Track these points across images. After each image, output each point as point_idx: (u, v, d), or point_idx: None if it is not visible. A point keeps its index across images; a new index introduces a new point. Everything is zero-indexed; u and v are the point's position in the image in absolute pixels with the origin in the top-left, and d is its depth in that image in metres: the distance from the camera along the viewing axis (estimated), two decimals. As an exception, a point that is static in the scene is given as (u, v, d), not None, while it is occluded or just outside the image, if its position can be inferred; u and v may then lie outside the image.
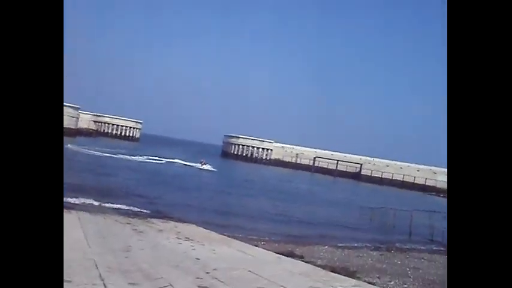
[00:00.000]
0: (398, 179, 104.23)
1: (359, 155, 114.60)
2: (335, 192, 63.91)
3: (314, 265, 12.07)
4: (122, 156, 63.84)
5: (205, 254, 9.39)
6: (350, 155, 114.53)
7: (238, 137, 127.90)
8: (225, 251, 10.13)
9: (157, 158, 69.42)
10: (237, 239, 13.51)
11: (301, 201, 44.12)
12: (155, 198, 28.74)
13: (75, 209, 13.73)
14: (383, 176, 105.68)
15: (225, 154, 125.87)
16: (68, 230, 9.52)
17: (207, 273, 8.20)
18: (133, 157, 65.59)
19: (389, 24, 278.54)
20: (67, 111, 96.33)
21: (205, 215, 25.34)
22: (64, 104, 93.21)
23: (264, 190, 49.76)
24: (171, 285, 6.99)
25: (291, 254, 15.29)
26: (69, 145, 61.90)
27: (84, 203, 19.56)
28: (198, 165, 68.13)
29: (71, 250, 8.18)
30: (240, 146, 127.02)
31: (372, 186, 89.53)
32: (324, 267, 12.00)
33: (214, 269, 8.54)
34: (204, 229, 14.13)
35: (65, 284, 5.52)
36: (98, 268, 7.52)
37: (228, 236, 13.22)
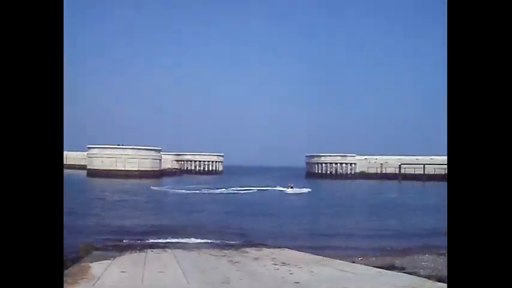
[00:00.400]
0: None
1: (445, 155, 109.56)
2: (426, 198, 61.73)
3: (418, 276, 11.57)
4: (207, 191, 64.73)
5: (304, 276, 9.23)
6: (436, 157, 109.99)
7: (320, 156, 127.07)
8: (324, 271, 9.92)
9: (244, 188, 69.27)
10: (333, 258, 13.23)
11: (394, 211, 42.86)
12: (246, 229, 28.75)
13: (170, 248, 14.01)
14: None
15: (309, 174, 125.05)
16: (166, 268, 9.67)
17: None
18: (219, 190, 66.26)
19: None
20: (150, 154, 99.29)
21: (299, 238, 25.11)
22: (147, 147, 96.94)
23: (354, 206, 48.95)
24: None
25: (391, 267, 14.77)
26: (152, 187, 63.40)
27: (177, 241, 19.95)
28: (286, 189, 67.77)
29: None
30: (323, 165, 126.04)
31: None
32: (428, 277, 11.47)
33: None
34: (299, 252, 13.96)
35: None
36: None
37: (324, 257, 12.96)
